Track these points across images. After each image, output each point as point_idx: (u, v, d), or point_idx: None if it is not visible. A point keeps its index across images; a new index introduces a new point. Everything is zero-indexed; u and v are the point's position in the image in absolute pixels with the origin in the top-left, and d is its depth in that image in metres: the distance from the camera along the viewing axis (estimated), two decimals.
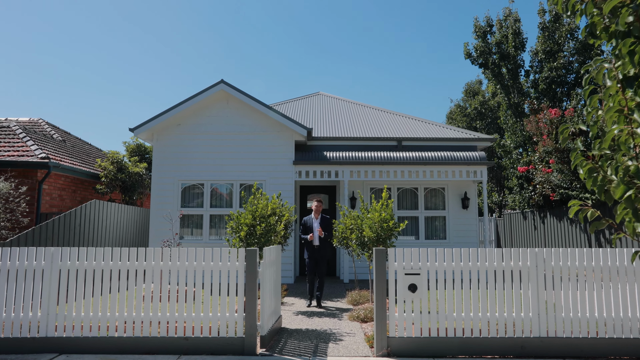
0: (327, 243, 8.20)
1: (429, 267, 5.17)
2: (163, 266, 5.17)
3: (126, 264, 5.16)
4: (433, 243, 12.43)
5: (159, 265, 5.17)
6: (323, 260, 8.17)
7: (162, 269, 5.17)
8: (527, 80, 18.64)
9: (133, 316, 5.08)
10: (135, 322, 5.06)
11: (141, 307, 5.09)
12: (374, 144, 12.76)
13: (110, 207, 11.57)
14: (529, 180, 16.09)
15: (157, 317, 5.08)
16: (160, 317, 5.07)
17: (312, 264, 8.14)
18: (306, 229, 8.22)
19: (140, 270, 5.17)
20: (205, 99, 11.72)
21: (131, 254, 5.20)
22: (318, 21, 74.39)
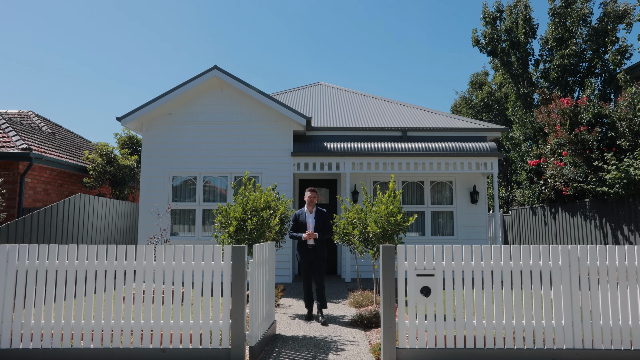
0: (323, 241, 6.66)
1: (444, 267, 4.46)
2: (137, 266, 4.46)
3: (93, 264, 4.45)
4: (440, 240, 11.72)
5: (132, 265, 4.47)
6: (320, 262, 6.52)
7: (136, 269, 4.46)
8: (536, 69, 17.86)
9: (101, 324, 4.38)
10: (104, 331, 4.37)
11: (111, 313, 4.39)
12: (377, 135, 12.03)
13: (97, 201, 10.87)
14: (539, 174, 15.36)
15: (130, 325, 4.38)
16: (134, 325, 4.38)
17: (306, 267, 6.52)
18: (298, 225, 6.64)
19: (111, 271, 4.47)
20: (198, 87, 11.00)
21: (100, 252, 4.49)
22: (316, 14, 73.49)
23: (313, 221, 6.51)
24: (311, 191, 6.56)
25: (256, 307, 4.60)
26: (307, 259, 6.47)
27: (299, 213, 6.58)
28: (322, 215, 6.55)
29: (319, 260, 6.51)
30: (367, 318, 6.06)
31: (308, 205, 6.55)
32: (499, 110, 22.56)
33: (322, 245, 6.56)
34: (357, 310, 7.22)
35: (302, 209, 6.61)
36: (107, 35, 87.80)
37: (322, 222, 6.51)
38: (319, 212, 6.57)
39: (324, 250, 6.58)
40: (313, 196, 6.55)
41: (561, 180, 13.08)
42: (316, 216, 6.48)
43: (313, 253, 6.48)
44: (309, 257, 6.46)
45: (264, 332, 5.05)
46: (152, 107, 10.76)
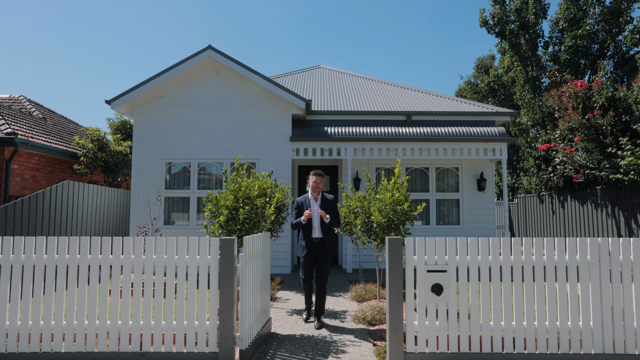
0: (332, 234, 5.60)
1: (457, 262, 3.96)
2: (112, 261, 3.98)
3: (64, 258, 3.97)
4: (445, 229, 11.23)
5: (108, 260, 3.98)
6: (325, 259, 5.46)
7: (112, 264, 3.98)
8: (545, 52, 17.17)
9: (74, 325, 3.91)
10: (76, 332, 3.90)
11: (84, 313, 3.92)
12: (380, 119, 11.47)
13: (88, 188, 10.38)
14: (548, 160, 14.80)
15: (106, 326, 3.91)
16: (110, 326, 3.91)
17: (309, 264, 5.46)
18: (301, 214, 5.64)
19: (84, 266, 3.98)
20: (192, 68, 10.42)
21: (71, 245, 4.00)
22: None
23: (318, 209, 5.63)
24: (317, 175, 5.50)
25: (247, 305, 4.12)
26: (312, 253, 5.45)
27: (302, 200, 5.56)
28: (328, 203, 5.52)
29: (324, 255, 5.47)
30: (370, 315, 5.59)
31: (312, 192, 5.53)
32: (506, 95, 21.89)
33: (331, 239, 5.55)
34: (358, 304, 6.77)
35: (305, 195, 5.59)
36: (106, 23, 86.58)
37: (328, 210, 5.49)
38: (325, 199, 5.54)
39: (332, 244, 5.57)
40: (319, 180, 5.50)
41: (572, 167, 12.54)
42: (322, 204, 5.51)
43: (319, 246, 5.46)
44: (314, 250, 5.45)
45: (258, 331, 4.59)
46: (144, 89, 10.21)
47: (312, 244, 5.45)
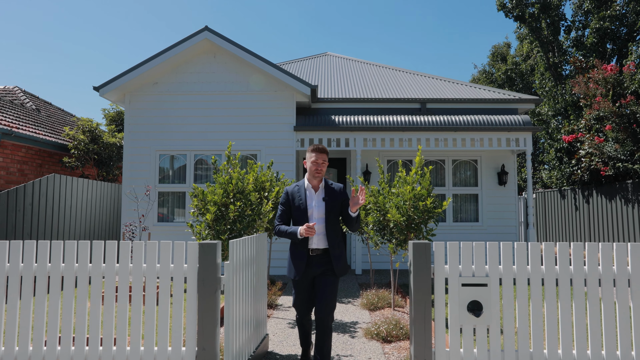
0: (341, 243, 3.65)
1: (501, 273, 3.11)
2: (51, 270, 3.17)
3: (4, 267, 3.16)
4: (463, 227, 10.34)
5: (59, 270, 3.17)
6: (331, 284, 3.52)
7: (64, 275, 3.17)
8: (567, 37, 16.10)
9: (15, 352, 3.11)
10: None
11: (29, 337, 3.13)
12: (392, 107, 10.58)
13: (76, 182, 9.62)
14: (571, 153, 13.82)
15: (55, 354, 3.11)
16: (60, 354, 3.10)
17: (305, 291, 3.61)
18: (292, 211, 3.67)
19: (29, 277, 3.18)
20: (187, 52, 9.59)
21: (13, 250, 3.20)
22: None
23: (322, 206, 3.56)
24: (318, 151, 3.59)
25: (235, 325, 3.30)
26: (309, 274, 3.54)
27: (293, 191, 3.66)
28: (336, 196, 3.61)
29: (330, 279, 3.50)
30: (385, 329, 4.74)
31: (311, 177, 3.62)
32: (524, 84, 20.78)
33: (340, 251, 3.58)
34: (370, 314, 5.94)
35: (299, 182, 3.70)
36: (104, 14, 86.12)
37: (335, 205, 3.59)
38: (332, 189, 3.63)
39: (342, 260, 3.58)
40: (321, 160, 3.58)
41: (599, 159, 11.57)
42: (327, 197, 3.58)
43: (321, 263, 3.52)
44: (313, 270, 3.53)
45: (251, 353, 3.78)
46: (135, 74, 9.40)
47: (309, 260, 3.52)
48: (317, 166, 3.60)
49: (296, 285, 3.64)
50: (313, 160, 3.61)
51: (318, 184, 3.67)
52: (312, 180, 3.66)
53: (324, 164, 3.63)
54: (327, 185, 3.67)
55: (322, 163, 3.62)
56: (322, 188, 3.66)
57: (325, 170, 3.60)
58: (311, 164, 3.62)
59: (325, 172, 3.67)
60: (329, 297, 3.48)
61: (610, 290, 3.07)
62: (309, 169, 3.64)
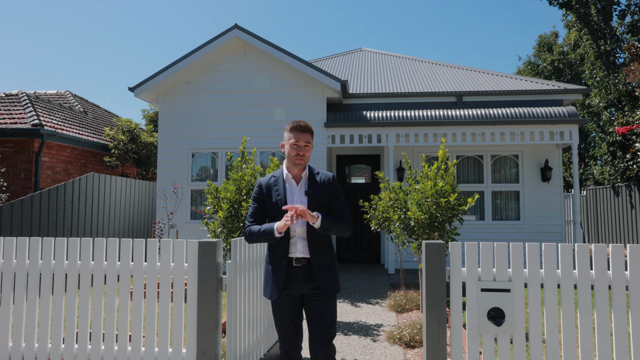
0: (330, 251, 2.75)
1: (526, 278, 2.79)
2: (55, 267, 3.15)
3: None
4: (503, 225, 9.80)
5: (50, 267, 3.16)
6: (323, 304, 2.65)
7: (54, 271, 3.16)
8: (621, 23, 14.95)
9: (8, 348, 3.13)
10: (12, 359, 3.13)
11: (22, 334, 3.14)
12: (426, 101, 10.18)
13: (115, 181, 9.91)
14: (625, 147, 12.83)
15: (46, 352, 3.10)
16: (51, 351, 3.09)
17: (288, 315, 2.70)
18: (267, 208, 2.78)
19: (21, 273, 3.19)
20: (217, 50, 9.63)
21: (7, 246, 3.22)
22: None
23: (304, 199, 2.72)
24: (298, 130, 2.71)
25: (239, 327, 3.18)
26: (291, 293, 2.69)
27: (269, 183, 2.79)
28: (323, 189, 2.73)
29: (320, 298, 2.66)
30: (409, 334, 4.48)
31: (291, 165, 2.77)
32: (573, 74, 19.53)
33: (330, 260, 2.72)
34: (397, 316, 5.68)
35: (276, 172, 2.85)
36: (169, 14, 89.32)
37: (322, 201, 2.72)
38: (316, 181, 2.76)
39: (326, 271, 2.68)
40: (303, 142, 2.71)
41: None
42: (310, 188, 2.73)
43: (306, 280, 2.67)
44: (295, 288, 2.68)
45: (261, 356, 3.64)
46: (168, 74, 9.55)
47: (291, 273, 2.67)
48: (297, 150, 2.70)
49: (275, 307, 2.71)
50: (293, 143, 2.70)
51: (300, 173, 2.77)
52: (292, 168, 2.76)
53: (307, 147, 2.72)
54: (311, 175, 2.78)
55: (305, 146, 2.71)
56: (305, 179, 2.76)
57: (310, 156, 2.75)
58: (290, 147, 2.71)
59: (298, 124, 2.70)
60: (324, 324, 2.61)
61: None
62: (287, 154, 2.74)
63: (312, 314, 2.66)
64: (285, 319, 2.71)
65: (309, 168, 2.82)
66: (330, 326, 2.66)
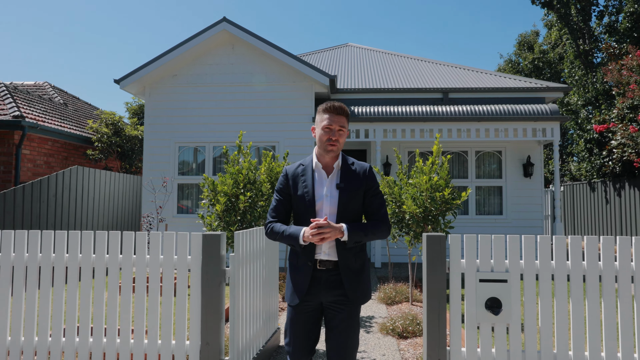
0: (362, 252, 2.41)
1: (522, 269, 2.91)
2: (42, 260, 3.13)
3: None
4: (486, 220, 10.03)
5: (50, 260, 3.14)
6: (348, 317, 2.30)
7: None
8: (599, 23, 15.37)
9: (7, 342, 3.11)
10: (24, 351, 3.10)
11: (20, 325, 3.12)
12: (413, 97, 10.32)
13: (99, 174, 9.75)
14: (602, 144, 13.25)
15: (60, 345, 3.09)
16: (65, 345, 3.08)
17: (304, 324, 2.34)
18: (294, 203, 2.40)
19: (20, 267, 3.16)
20: (205, 43, 9.55)
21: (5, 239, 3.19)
22: None
23: (335, 194, 2.32)
24: (332, 112, 2.32)
25: (242, 319, 3.22)
26: (313, 299, 2.33)
27: (296, 173, 2.41)
28: (355, 181, 2.34)
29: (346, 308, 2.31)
30: (401, 325, 4.59)
31: (323, 152, 2.36)
32: (552, 73, 20.01)
33: (362, 263, 2.40)
34: (387, 308, 5.79)
35: (305, 160, 2.46)
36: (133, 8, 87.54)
37: (356, 196, 2.34)
38: (350, 172, 2.36)
39: (357, 277, 2.34)
40: (337, 127, 2.31)
41: (633, 150, 11.04)
42: (343, 181, 2.33)
43: (331, 286, 2.31)
44: (318, 294, 2.33)
45: (260, 348, 3.69)
46: (154, 66, 9.43)
47: (315, 277, 2.32)
48: (330, 134, 2.29)
49: (292, 315, 2.34)
50: (325, 125, 2.30)
51: (332, 163, 2.36)
52: (323, 156, 2.35)
53: (341, 133, 2.31)
54: (345, 165, 2.36)
55: (339, 130, 2.30)
56: (337, 169, 2.35)
57: (344, 142, 2.35)
58: (322, 130, 2.31)
59: (334, 106, 2.32)
60: (347, 342, 2.27)
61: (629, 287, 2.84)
62: (318, 138, 2.34)
63: (335, 330, 2.28)
64: (301, 329, 2.31)
65: (343, 157, 2.39)
66: (353, 346, 2.30)
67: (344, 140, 2.33)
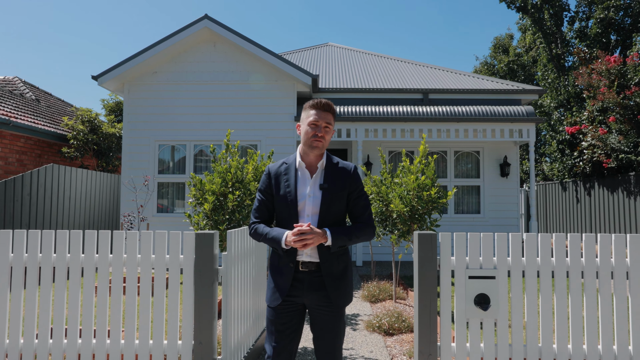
0: (340, 257, 2.28)
1: (510, 265, 3.01)
2: (29, 261, 3.07)
3: None
4: (465, 218, 10.26)
5: (36, 260, 3.08)
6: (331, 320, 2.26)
7: (42, 265, 3.08)
8: (570, 28, 15.89)
9: (5, 345, 3.03)
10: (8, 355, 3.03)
11: (5, 327, 3.04)
12: (394, 97, 10.45)
13: (76, 173, 9.52)
14: (573, 145, 13.71)
15: (47, 347, 3.03)
16: (52, 346, 3.02)
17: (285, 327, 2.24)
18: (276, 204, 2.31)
19: (5, 265, 3.09)
20: (186, 40, 9.44)
21: None
22: None
23: (318, 195, 2.24)
24: (319, 108, 2.25)
25: (234, 318, 3.22)
26: (294, 302, 2.26)
27: (278, 172, 2.32)
28: (340, 182, 2.26)
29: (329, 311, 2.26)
30: (387, 322, 4.67)
31: (307, 149, 2.27)
32: (526, 75, 20.59)
33: (344, 267, 2.31)
34: (372, 306, 5.87)
35: (288, 158, 2.36)
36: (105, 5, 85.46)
37: (340, 198, 2.26)
38: (334, 172, 2.28)
39: (340, 280, 2.27)
40: (324, 123, 2.24)
41: (602, 151, 11.47)
42: (327, 181, 2.25)
43: (313, 288, 2.24)
44: (300, 296, 2.25)
45: (250, 346, 3.70)
46: (134, 63, 9.27)
47: (297, 279, 2.25)
48: (316, 129, 2.22)
49: (273, 316, 2.25)
50: (311, 121, 2.22)
51: (316, 162, 2.28)
52: (308, 154, 2.27)
53: (327, 130, 2.25)
54: (329, 165, 2.28)
55: (325, 127, 2.24)
56: (321, 169, 2.27)
57: (329, 140, 2.27)
58: (308, 126, 2.23)
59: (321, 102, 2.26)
60: (335, 343, 2.26)
61: (624, 284, 2.98)
62: (303, 134, 2.26)
63: (319, 331, 2.26)
64: (282, 333, 2.22)
65: (327, 156, 2.31)
66: (339, 347, 2.27)
67: (329, 138, 2.27)
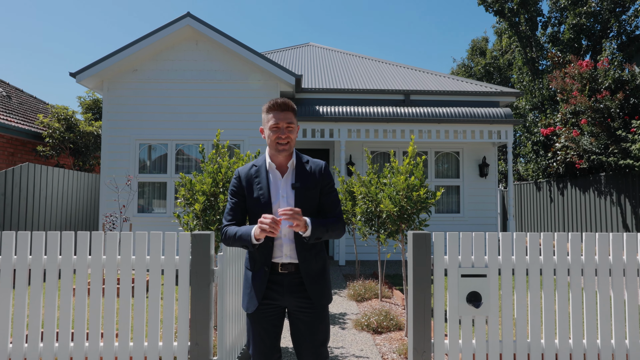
0: (322, 254, 2.32)
1: (500, 264, 3.11)
2: (17, 263, 3.01)
3: None
4: (445, 218, 10.46)
5: (25, 261, 3.02)
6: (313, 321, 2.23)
7: (39, 266, 3.02)
8: (544, 33, 16.37)
9: None
10: None
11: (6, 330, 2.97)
12: (376, 98, 10.56)
13: (53, 172, 9.26)
14: (547, 146, 14.13)
15: (38, 351, 2.96)
16: (43, 350, 2.96)
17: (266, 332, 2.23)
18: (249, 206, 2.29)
19: None
20: (168, 38, 9.31)
21: None
22: None
23: (291, 194, 2.26)
24: (277, 109, 2.23)
25: (230, 319, 3.22)
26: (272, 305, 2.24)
27: (249, 174, 2.31)
28: (311, 180, 2.28)
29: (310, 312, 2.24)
30: (375, 320, 4.74)
31: (275, 152, 2.27)
32: (502, 78, 21.12)
33: (322, 265, 2.32)
34: (358, 305, 5.93)
35: (257, 160, 2.37)
36: None
37: (312, 196, 2.27)
38: (304, 171, 2.30)
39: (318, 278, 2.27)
40: (285, 124, 2.23)
41: (575, 153, 11.87)
42: (298, 180, 2.26)
43: (292, 290, 2.23)
44: (278, 299, 2.24)
45: (243, 347, 3.70)
46: (114, 60, 9.08)
47: (273, 283, 2.24)
48: (278, 132, 2.22)
49: (252, 322, 2.24)
50: (272, 125, 2.22)
51: (286, 162, 2.30)
52: (276, 156, 2.28)
53: (290, 129, 2.24)
54: (299, 164, 2.30)
55: (288, 127, 2.23)
56: (291, 168, 2.30)
57: (295, 138, 2.29)
58: (270, 130, 2.24)
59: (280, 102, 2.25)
60: (317, 344, 2.23)
61: (607, 280, 3.12)
62: (268, 139, 2.26)
63: (301, 332, 2.23)
64: (262, 334, 2.21)
65: (297, 155, 2.33)
66: (323, 346, 2.26)
67: (295, 136, 2.27)
